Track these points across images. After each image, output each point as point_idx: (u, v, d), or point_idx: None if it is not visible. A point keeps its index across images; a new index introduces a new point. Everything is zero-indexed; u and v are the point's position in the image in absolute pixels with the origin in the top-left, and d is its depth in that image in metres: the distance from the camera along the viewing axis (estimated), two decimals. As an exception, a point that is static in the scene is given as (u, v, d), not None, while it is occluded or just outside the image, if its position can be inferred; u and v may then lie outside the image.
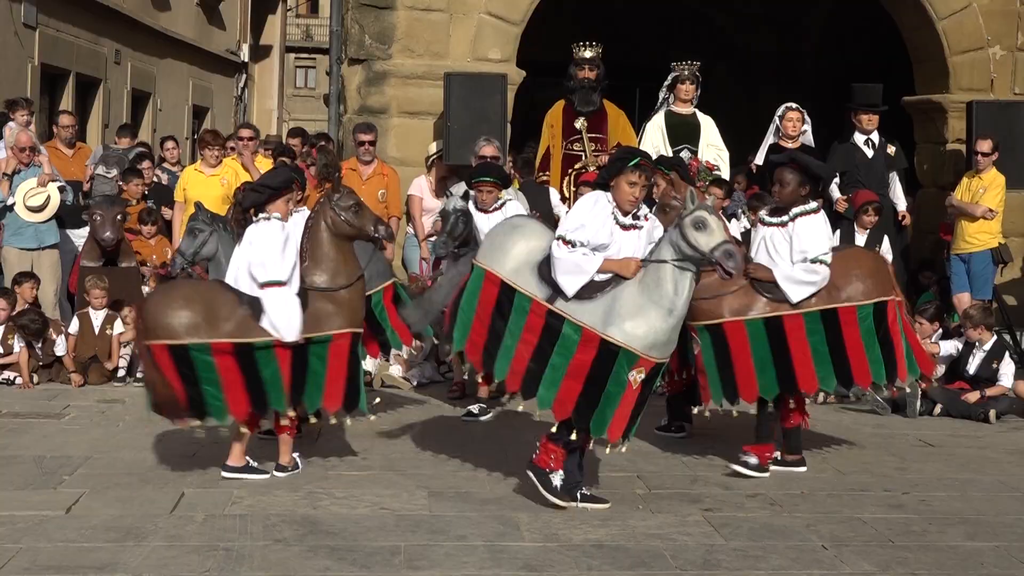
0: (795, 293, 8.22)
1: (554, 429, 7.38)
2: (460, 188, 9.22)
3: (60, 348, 11.34)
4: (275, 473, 8.00)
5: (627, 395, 7.24)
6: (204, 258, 9.13)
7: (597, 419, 7.28)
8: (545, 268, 7.35)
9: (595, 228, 7.30)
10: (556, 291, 7.29)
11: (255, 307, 7.72)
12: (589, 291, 7.23)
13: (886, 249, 12.05)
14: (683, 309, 7.20)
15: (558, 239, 7.29)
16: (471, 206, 9.72)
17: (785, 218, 8.34)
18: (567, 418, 7.31)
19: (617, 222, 7.37)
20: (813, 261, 8.20)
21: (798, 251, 8.25)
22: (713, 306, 8.21)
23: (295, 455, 8.15)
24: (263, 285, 7.75)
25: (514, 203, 9.90)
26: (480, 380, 9.63)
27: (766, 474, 8.28)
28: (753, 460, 8.30)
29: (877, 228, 12.11)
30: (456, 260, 9.35)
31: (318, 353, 7.84)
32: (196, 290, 7.94)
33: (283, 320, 7.71)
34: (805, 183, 8.33)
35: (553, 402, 7.30)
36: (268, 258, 7.78)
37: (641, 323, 7.14)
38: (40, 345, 11.26)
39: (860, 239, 11.86)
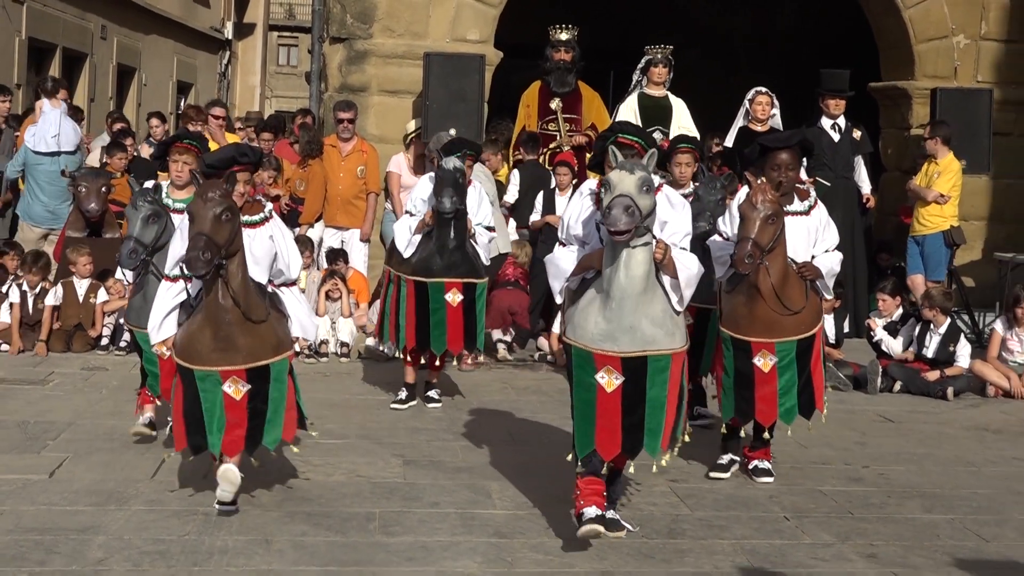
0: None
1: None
2: (450, 161, 9.25)
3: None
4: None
5: (603, 402, 6.22)
6: (162, 246, 7.58)
7: (579, 434, 6.30)
8: None
9: (577, 219, 6.62)
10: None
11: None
12: (580, 292, 6.43)
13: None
14: (626, 288, 6.08)
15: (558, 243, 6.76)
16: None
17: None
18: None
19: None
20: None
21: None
22: None
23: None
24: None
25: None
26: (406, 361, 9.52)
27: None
28: (767, 464, 7.90)
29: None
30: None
31: None
32: None
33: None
34: (799, 160, 7.81)
35: None
36: None
37: (584, 315, 6.25)
38: (32, 300, 11.33)
39: None
